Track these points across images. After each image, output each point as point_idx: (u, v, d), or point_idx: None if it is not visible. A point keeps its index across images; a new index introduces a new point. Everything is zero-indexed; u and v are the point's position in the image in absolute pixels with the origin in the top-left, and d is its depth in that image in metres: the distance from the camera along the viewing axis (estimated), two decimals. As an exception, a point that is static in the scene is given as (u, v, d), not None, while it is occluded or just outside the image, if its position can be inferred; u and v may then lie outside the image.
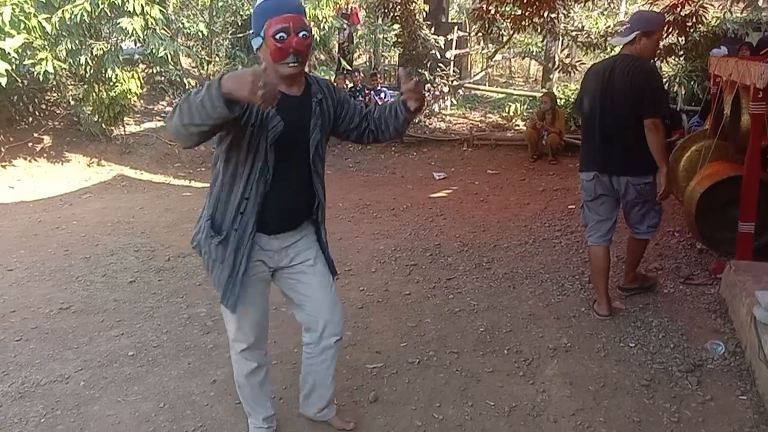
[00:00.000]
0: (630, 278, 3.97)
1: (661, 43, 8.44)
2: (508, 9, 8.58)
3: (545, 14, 8.27)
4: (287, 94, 2.11)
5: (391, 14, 9.91)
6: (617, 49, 4.78)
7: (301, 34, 2.02)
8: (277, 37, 2.00)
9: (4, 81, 6.51)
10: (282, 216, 2.25)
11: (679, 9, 7.94)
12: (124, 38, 8.24)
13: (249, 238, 2.17)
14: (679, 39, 8.19)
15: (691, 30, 8.10)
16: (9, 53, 6.57)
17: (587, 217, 3.76)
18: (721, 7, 10.60)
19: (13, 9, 6.52)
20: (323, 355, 2.51)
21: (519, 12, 8.28)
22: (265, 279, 2.35)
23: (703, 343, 3.35)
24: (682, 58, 8.69)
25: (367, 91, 10.30)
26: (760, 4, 10.20)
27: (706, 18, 8.40)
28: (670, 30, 8.09)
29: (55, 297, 4.22)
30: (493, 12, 8.35)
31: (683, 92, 8.97)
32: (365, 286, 4.30)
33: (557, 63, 11.20)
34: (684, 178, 5.25)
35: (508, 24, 9.05)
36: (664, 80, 9.57)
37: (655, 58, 7.44)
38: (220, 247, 2.18)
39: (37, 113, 9.11)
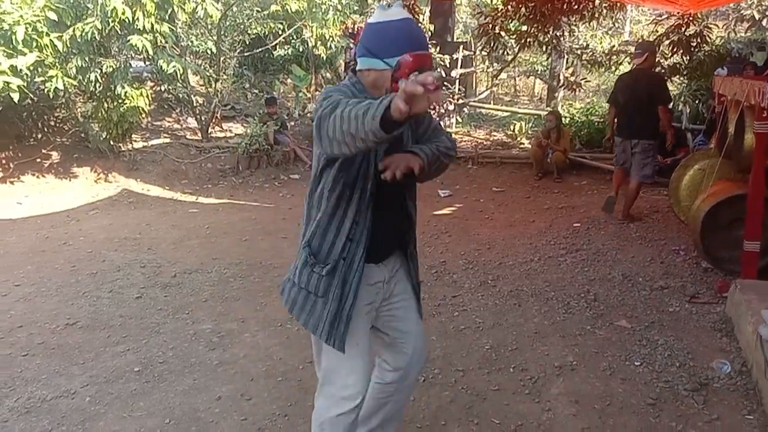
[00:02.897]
0: (626, 214, 6.05)
1: (666, 63, 8.53)
2: (512, 26, 8.64)
3: (550, 30, 8.32)
4: None
5: (397, 34, 10.01)
6: (622, 66, 8.36)
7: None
8: (413, 75, 1.74)
9: (16, 97, 6.60)
10: (389, 239, 2.10)
11: (683, 29, 8.01)
12: (133, 55, 8.34)
13: (357, 269, 1.98)
14: (684, 58, 8.23)
15: (696, 50, 8.15)
16: (21, 70, 6.66)
17: (617, 158, 6.17)
18: (725, 26, 10.68)
19: (26, 28, 6.63)
20: (405, 391, 2.35)
21: (524, 28, 8.33)
22: (370, 319, 2.14)
23: (708, 362, 3.34)
24: (686, 78, 8.73)
25: None
26: (764, 24, 10.27)
27: (710, 38, 8.46)
28: (674, 50, 8.15)
29: (62, 312, 4.24)
30: (498, 29, 8.40)
31: (688, 111, 9.01)
32: (370, 303, 4.30)
33: (562, 80, 11.27)
34: (687, 196, 5.27)
35: (512, 41, 9.11)
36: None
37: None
38: (325, 279, 1.97)
39: (45, 129, 9.19)
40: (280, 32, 11.11)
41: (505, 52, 10.13)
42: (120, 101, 8.22)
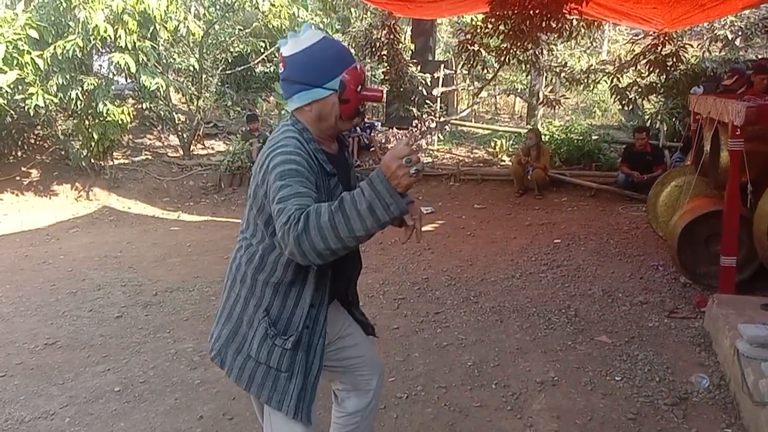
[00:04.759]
0: None
1: (643, 82, 8.69)
2: (492, 42, 8.75)
3: (529, 47, 8.44)
4: (331, 153, 1.83)
5: (378, 53, 10.07)
6: (600, 86, 8.33)
7: (369, 85, 1.82)
8: (359, 90, 1.74)
9: (-5, 113, 6.58)
10: (342, 287, 1.98)
11: (659, 48, 8.18)
12: (115, 73, 8.34)
13: (321, 335, 1.80)
14: (660, 77, 8.40)
15: (672, 69, 8.32)
16: (2, 88, 6.64)
17: None
18: (700, 46, 10.92)
19: (7, 46, 6.61)
20: (369, 419, 2.16)
21: (503, 45, 8.44)
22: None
23: (688, 376, 3.38)
24: (663, 96, 8.89)
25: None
26: (737, 44, 10.52)
27: (685, 57, 8.65)
28: (651, 69, 8.32)
29: (41, 332, 4.18)
30: (477, 47, 8.51)
31: (665, 129, 9.17)
32: (353, 320, 4.30)
33: (542, 98, 11.40)
34: (664, 213, 5.35)
35: (492, 58, 9.21)
36: (646, 117, 9.84)
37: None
38: (290, 353, 1.75)
39: (25, 147, 9.13)
40: (262, 50, 11.16)
41: (485, 70, 10.22)
42: (101, 118, 8.19)
